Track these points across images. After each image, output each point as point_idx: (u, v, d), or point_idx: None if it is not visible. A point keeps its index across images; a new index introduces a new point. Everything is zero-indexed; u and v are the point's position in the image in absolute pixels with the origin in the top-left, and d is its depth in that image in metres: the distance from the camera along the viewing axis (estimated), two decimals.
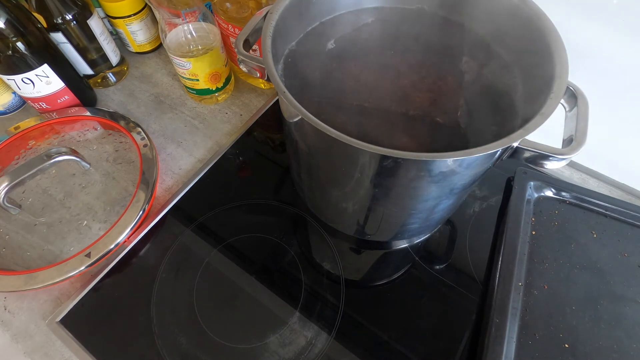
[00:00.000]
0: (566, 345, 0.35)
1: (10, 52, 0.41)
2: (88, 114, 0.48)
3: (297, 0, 0.34)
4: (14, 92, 0.51)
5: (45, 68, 0.45)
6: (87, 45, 0.51)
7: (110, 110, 0.50)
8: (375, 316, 0.38)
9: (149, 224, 0.43)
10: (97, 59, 0.53)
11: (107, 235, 0.39)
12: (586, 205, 0.43)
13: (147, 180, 0.43)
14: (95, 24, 0.50)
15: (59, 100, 0.48)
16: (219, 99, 0.54)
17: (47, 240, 0.40)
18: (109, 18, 0.54)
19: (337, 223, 0.43)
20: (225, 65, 0.51)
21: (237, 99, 0.55)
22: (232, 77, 0.55)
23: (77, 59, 0.51)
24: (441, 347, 0.37)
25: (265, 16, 0.33)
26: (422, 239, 0.43)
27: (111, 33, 0.55)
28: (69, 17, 0.46)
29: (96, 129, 0.48)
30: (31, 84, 0.45)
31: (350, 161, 0.29)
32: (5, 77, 0.44)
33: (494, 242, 0.42)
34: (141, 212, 0.41)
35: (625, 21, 0.35)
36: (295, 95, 0.27)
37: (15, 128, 0.47)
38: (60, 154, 0.39)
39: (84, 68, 0.53)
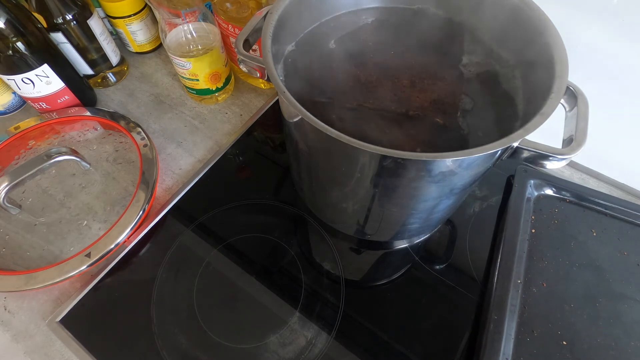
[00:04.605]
0: (564, 343, 0.35)
1: (10, 52, 0.41)
2: (88, 114, 0.48)
3: (297, 0, 0.34)
4: (14, 92, 0.51)
5: (45, 68, 0.45)
6: (87, 45, 0.50)
7: (110, 110, 0.50)
8: (375, 316, 0.38)
9: (149, 224, 0.43)
10: (97, 59, 0.53)
11: (107, 235, 0.39)
12: (586, 203, 0.43)
13: (147, 180, 0.43)
14: (95, 24, 0.50)
15: (59, 100, 0.48)
16: (219, 99, 0.54)
17: (47, 240, 0.40)
18: (109, 18, 0.54)
19: (337, 223, 0.43)
20: (225, 65, 0.51)
21: (237, 99, 0.55)
22: (232, 77, 0.55)
23: (77, 59, 0.51)
24: (441, 347, 0.37)
25: (265, 16, 0.33)
26: (422, 239, 0.43)
27: (111, 33, 0.55)
28: (69, 17, 0.46)
29: (96, 129, 0.48)
30: (31, 84, 0.45)
31: (350, 161, 0.29)
32: (5, 77, 0.44)
33: (494, 239, 0.43)
34: (141, 212, 0.41)
35: (625, 21, 0.35)
36: (295, 95, 0.27)
37: (15, 128, 0.47)
38: (60, 154, 0.39)
39: (84, 68, 0.53)
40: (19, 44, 0.41)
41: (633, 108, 0.41)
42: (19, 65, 0.43)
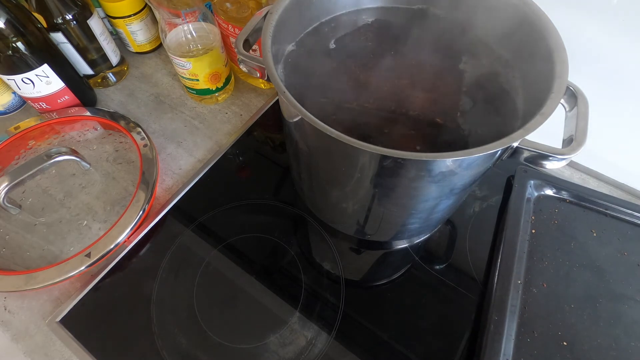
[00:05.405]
0: (564, 343, 0.35)
1: (10, 52, 0.41)
2: (88, 114, 0.48)
3: (297, 0, 0.34)
4: (14, 92, 0.51)
5: (45, 68, 0.45)
6: (87, 45, 0.51)
7: (110, 110, 0.50)
8: (375, 316, 0.38)
9: (149, 224, 0.43)
10: (97, 59, 0.53)
11: (107, 235, 0.39)
12: (586, 204, 0.43)
13: (147, 180, 0.43)
14: (95, 24, 0.50)
15: (59, 100, 0.48)
16: (219, 99, 0.54)
17: (47, 240, 0.40)
18: (109, 18, 0.54)
19: (337, 223, 0.43)
20: (225, 65, 0.51)
21: (237, 99, 0.55)
22: (232, 77, 0.55)
23: (77, 59, 0.51)
24: (441, 347, 0.37)
25: (265, 16, 0.33)
26: (422, 239, 0.43)
27: (111, 33, 0.55)
28: (69, 17, 0.46)
29: (96, 129, 0.49)
30: (31, 84, 0.45)
31: (350, 161, 0.29)
32: (5, 77, 0.44)
33: (494, 240, 0.42)
34: (141, 212, 0.41)
35: (625, 21, 0.35)
36: (295, 95, 0.27)
37: (15, 128, 0.47)
38: (60, 154, 0.39)
39: (84, 68, 0.53)
40: (19, 44, 0.41)
41: (633, 108, 0.41)
42: (19, 65, 0.43)
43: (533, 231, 0.41)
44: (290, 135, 0.34)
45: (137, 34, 0.56)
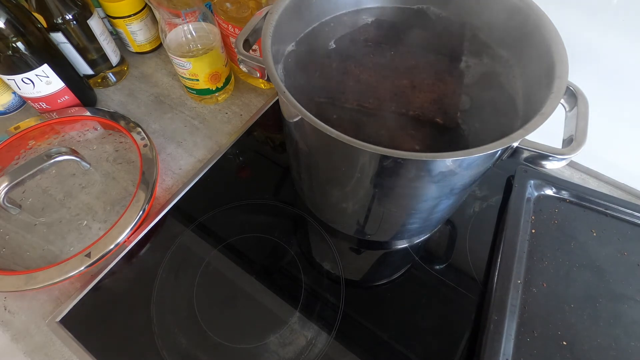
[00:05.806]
0: (564, 343, 0.35)
1: (10, 52, 0.41)
2: (88, 114, 0.48)
3: (297, 0, 0.34)
4: (14, 92, 0.51)
5: (45, 68, 0.45)
6: (87, 45, 0.51)
7: (110, 110, 0.50)
8: (375, 316, 0.38)
9: (149, 224, 0.43)
10: (97, 59, 0.53)
11: (107, 235, 0.39)
12: (586, 204, 0.43)
13: (147, 180, 0.43)
14: (95, 24, 0.50)
15: (59, 100, 0.48)
16: (219, 99, 0.54)
17: (47, 240, 0.40)
18: (109, 18, 0.54)
19: (337, 223, 0.43)
20: (225, 65, 0.51)
21: (237, 99, 0.55)
22: (232, 77, 0.55)
23: (77, 59, 0.51)
24: (441, 347, 0.37)
25: (265, 16, 0.33)
26: (422, 239, 0.43)
27: (111, 33, 0.55)
28: (69, 17, 0.46)
29: (96, 129, 0.49)
30: (31, 84, 0.45)
31: (350, 161, 0.29)
32: (5, 77, 0.44)
33: (494, 240, 0.42)
34: (141, 212, 0.41)
35: (625, 21, 0.35)
36: (295, 95, 0.27)
37: (15, 128, 0.47)
38: (60, 154, 0.39)
39: (84, 68, 0.53)
40: (19, 44, 0.41)
41: (633, 108, 0.41)
42: (19, 65, 0.43)
43: (533, 231, 0.41)
44: (290, 135, 0.34)
45: (137, 34, 0.56)
